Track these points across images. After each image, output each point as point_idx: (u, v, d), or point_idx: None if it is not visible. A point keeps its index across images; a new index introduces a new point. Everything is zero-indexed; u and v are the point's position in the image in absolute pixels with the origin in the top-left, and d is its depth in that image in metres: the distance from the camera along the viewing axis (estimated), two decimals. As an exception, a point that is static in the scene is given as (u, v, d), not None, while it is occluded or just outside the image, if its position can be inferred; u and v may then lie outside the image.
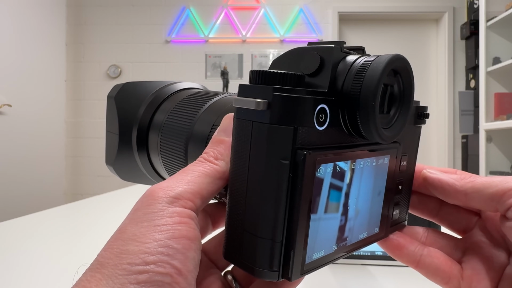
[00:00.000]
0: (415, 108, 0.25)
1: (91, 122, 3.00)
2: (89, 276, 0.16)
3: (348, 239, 0.21)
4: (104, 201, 1.05)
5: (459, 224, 0.25)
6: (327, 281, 0.47)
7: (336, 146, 0.19)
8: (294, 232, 0.17)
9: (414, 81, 0.20)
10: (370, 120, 0.18)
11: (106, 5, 3.02)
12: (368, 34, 3.09)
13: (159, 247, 0.16)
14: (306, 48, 0.20)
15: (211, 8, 3.00)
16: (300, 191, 0.17)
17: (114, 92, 0.34)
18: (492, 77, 2.28)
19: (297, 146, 0.17)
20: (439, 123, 3.05)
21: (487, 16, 2.27)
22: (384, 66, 0.18)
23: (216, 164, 0.20)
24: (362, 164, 0.20)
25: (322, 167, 0.18)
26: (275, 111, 0.17)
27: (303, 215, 0.17)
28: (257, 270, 0.18)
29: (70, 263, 0.52)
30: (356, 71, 0.18)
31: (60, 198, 2.78)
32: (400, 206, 0.25)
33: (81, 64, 3.03)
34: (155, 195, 0.18)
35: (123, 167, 0.34)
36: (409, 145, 0.25)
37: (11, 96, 2.26)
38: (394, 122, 0.20)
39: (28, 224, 0.76)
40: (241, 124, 0.18)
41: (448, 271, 0.23)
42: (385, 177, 0.23)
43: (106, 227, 0.71)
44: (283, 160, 0.17)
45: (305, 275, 0.19)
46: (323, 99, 0.18)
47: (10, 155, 2.25)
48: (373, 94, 0.18)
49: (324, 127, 0.18)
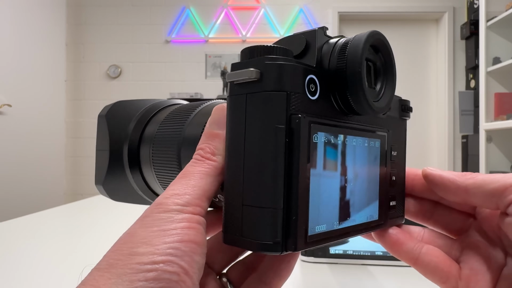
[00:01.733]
0: (398, 101, 0.26)
1: (91, 122, 3.00)
2: (96, 276, 0.16)
3: (349, 218, 0.21)
4: (104, 201, 1.05)
5: (454, 226, 0.25)
6: (327, 281, 0.47)
7: (329, 118, 0.20)
8: (295, 199, 0.17)
9: (393, 54, 0.22)
10: (359, 92, 0.19)
11: (106, 5, 3.02)
12: (368, 34, 3.09)
13: (168, 249, 0.17)
14: (294, 34, 0.21)
15: (211, 8, 3.00)
16: (297, 155, 0.17)
17: (104, 111, 0.34)
18: (492, 77, 2.28)
19: (291, 111, 0.18)
20: (439, 123, 3.05)
21: (487, 16, 2.26)
22: (364, 39, 0.19)
23: (214, 160, 0.20)
24: (354, 142, 0.21)
25: (318, 135, 0.19)
26: (267, 78, 0.18)
27: (302, 181, 0.18)
28: (259, 243, 0.18)
29: (70, 263, 0.52)
30: (339, 49, 0.20)
31: (60, 198, 2.78)
32: (396, 200, 0.25)
33: (81, 64, 3.03)
34: (164, 204, 0.18)
35: (114, 186, 0.34)
36: (397, 138, 0.26)
37: (11, 96, 2.26)
38: (382, 95, 0.22)
39: (28, 224, 0.76)
40: (235, 100, 0.19)
41: (447, 270, 0.23)
42: (378, 162, 0.23)
43: (106, 227, 0.71)
44: (278, 125, 0.17)
45: (309, 247, 0.19)
46: (312, 70, 0.19)
47: (10, 155, 2.25)
48: (358, 65, 0.19)
49: (316, 97, 0.19)
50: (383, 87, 0.22)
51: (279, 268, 0.22)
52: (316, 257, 0.52)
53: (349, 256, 0.52)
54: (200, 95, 2.88)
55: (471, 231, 0.25)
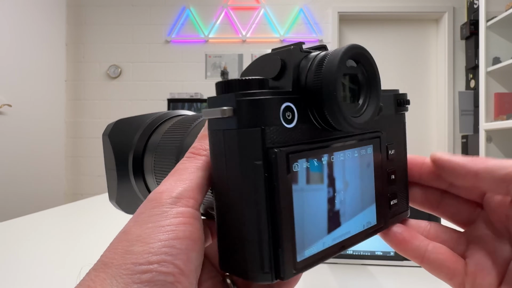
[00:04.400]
0: (394, 96, 0.26)
1: (91, 122, 3.00)
2: (93, 276, 0.16)
3: (341, 234, 0.21)
4: (104, 201, 1.05)
5: (461, 216, 0.25)
6: (327, 281, 0.47)
7: (311, 141, 0.20)
8: (279, 231, 0.18)
9: (376, 66, 0.21)
10: (335, 110, 0.19)
11: (106, 5, 3.02)
12: (368, 34, 3.09)
13: (163, 247, 0.16)
14: (269, 54, 0.21)
15: (211, 8, 3.00)
16: (277, 188, 0.17)
17: (107, 130, 0.35)
18: (492, 77, 2.28)
19: (268, 146, 0.17)
20: (439, 123, 3.05)
21: (487, 16, 2.26)
22: (340, 55, 0.19)
23: (205, 155, 0.20)
24: (342, 156, 0.21)
25: (298, 163, 0.18)
26: (240, 116, 0.18)
27: (285, 213, 0.18)
28: (250, 274, 0.18)
29: (70, 263, 0.52)
30: (315, 66, 0.19)
31: (60, 198, 2.78)
32: (398, 197, 0.25)
33: (81, 64, 3.03)
34: (158, 199, 0.18)
35: (124, 199, 0.35)
36: (394, 134, 0.25)
37: (11, 96, 2.26)
38: (365, 109, 0.21)
39: (28, 224, 0.76)
40: (214, 135, 0.19)
41: (453, 267, 0.23)
42: (372, 168, 0.23)
43: (106, 227, 0.71)
44: (256, 161, 0.17)
45: (299, 273, 0.19)
46: (288, 97, 0.19)
47: (10, 155, 2.25)
48: (333, 83, 0.18)
49: (293, 125, 0.19)
50: (366, 101, 0.21)
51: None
52: (316, 257, 0.52)
53: (349, 256, 0.52)
54: (200, 95, 2.88)
55: (478, 222, 0.24)
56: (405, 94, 0.27)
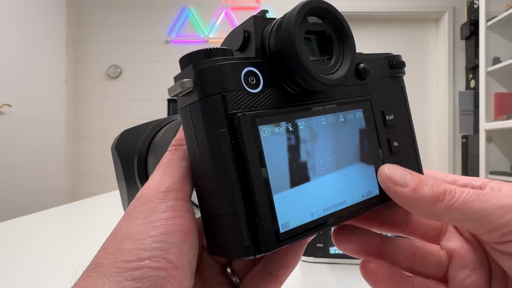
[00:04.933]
0: (385, 58, 0.24)
1: (91, 122, 3.00)
2: (85, 277, 0.16)
3: (334, 204, 0.20)
4: (104, 201, 1.06)
5: (432, 233, 0.24)
6: (327, 281, 0.47)
7: (286, 106, 0.19)
8: (253, 200, 0.17)
9: (343, 19, 0.20)
10: (300, 69, 0.18)
11: (106, 5, 3.02)
12: (368, 34, 3.09)
13: (154, 243, 0.16)
14: (235, 28, 0.21)
15: (211, 8, 3.00)
16: (245, 155, 0.17)
17: (114, 142, 0.35)
18: (492, 77, 2.28)
19: (231, 112, 0.17)
20: (439, 123, 3.05)
21: (487, 16, 2.26)
22: (296, 12, 0.18)
23: (185, 144, 0.20)
24: (324, 121, 0.20)
25: (268, 127, 0.18)
26: (199, 85, 0.17)
27: (257, 181, 0.17)
28: (232, 251, 0.17)
29: (70, 263, 0.52)
30: (275, 29, 0.19)
31: (60, 198, 2.78)
32: (405, 166, 0.23)
33: (81, 64, 3.03)
34: (146, 195, 0.18)
35: None
36: (392, 98, 0.24)
37: (11, 96, 2.26)
38: (340, 66, 0.20)
39: (28, 224, 0.76)
40: (183, 114, 0.18)
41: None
42: (366, 134, 0.22)
43: (106, 227, 0.70)
44: (221, 129, 0.17)
45: (284, 245, 0.18)
46: (249, 62, 0.18)
47: (10, 155, 2.25)
48: (292, 41, 0.18)
49: (259, 89, 0.18)
50: (340, 55, 0.20)
51: (286, 258, 0.22)
52: (316, 257, 0.52)
53: (349, 256, 0.52)
54: (200, 95, 2.88)
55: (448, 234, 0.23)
56: (399, 56, 0.25)
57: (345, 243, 0.24)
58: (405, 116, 0.24)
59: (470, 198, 0.19)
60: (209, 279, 0.22)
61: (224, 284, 0.22)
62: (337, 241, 0.24)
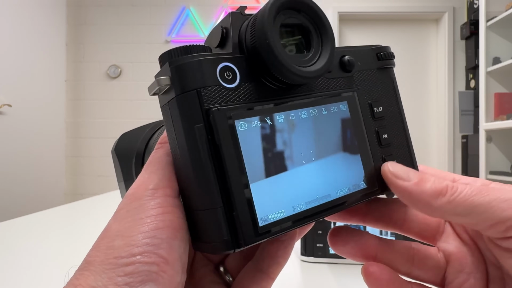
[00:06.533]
0: (372, 50, 0.24)
1: (91, 122, 3.00)
2: (78, 275, 0.16)
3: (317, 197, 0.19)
4: (104, 201, 1.06)
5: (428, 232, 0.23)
6: (327, 281, 0.47)
7: (265, 101, 0.19)
8: (230, 194, 0.17)
9: (320, 10, 0.20)
10: (275, 62, 0.18)
11: (106, 5, 3.02)
12: (368, 34, 3.09)
13: (144, 239, 0.16)
14: (215, 26, 0.21)
15: (211, 8, 3.00)
16: (221, 149, 0.17)
17: (113, 146, 0.35)
18: (492, 77, 2.28)
19: (207, 107, 0.17)
20: (439, 123, 3.05)
21: (487, 16, 2.26)
22: (269, 6, 0.18)
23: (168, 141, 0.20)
24: (305, 114, 0.20)
25: (245, 121, 0.18)
26: (176, 82, 0.17)
27: (233, 175, 0.17)
28: (211, 246, 0.17)
29: (70, 263, 0.52)
30: (251, 24, 0.19)
31: (60, 198, 2.78)
32: (396, 158, 0.23)
33: (81, 64, 3.03)
34: (135, 193, 0.18)
35: None
36: (381, 90, 0.23)
37: (11, 96, 2.26)
38: (319, 58, 0.20)
39: (28, 224, 0.76)
40: (163, 112, 0.19)
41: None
42: (351, 126, 0.21)
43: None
44: (197, 125, 0.17)
45: (262, 239, 0.18)
46: (226, 57, 0.18)
47: (10, 155, 2.25)
48: (265, 35, 0.18)
49: (235, 84, 0.18)
50: (318, 48, 0.20)
51: (276, 255, 0.22)
52: (316, 257, 0.52)
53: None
54: (200, 95, 2.88)
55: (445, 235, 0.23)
56: (387, 47, 0.24)
57: (340, 245, 0.23)
58: (396, 108, 0.24)
59: (473, 193, 0.19)
60: (202, 278, 0.22)
61: (218, 282, 0.22)
62: (332, 243, 0.24)
